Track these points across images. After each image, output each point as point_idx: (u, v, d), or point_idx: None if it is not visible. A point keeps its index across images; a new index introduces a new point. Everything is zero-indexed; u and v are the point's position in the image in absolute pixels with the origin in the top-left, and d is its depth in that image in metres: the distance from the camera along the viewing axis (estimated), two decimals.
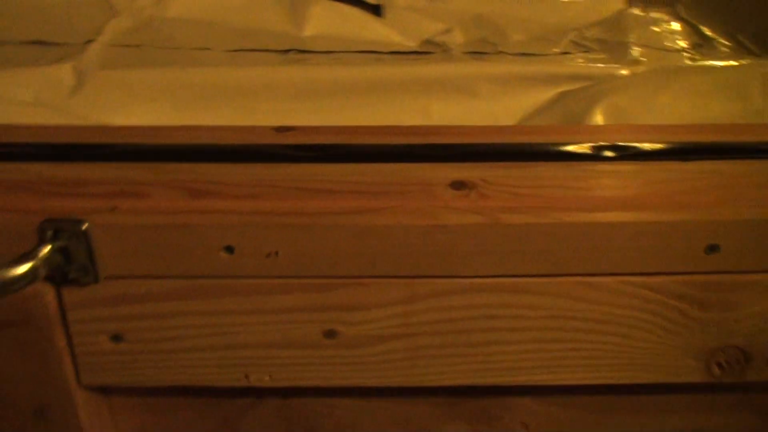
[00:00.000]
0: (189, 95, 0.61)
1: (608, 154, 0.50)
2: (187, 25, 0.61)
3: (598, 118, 0.58)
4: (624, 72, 0.61)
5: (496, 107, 0.60)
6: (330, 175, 0.49)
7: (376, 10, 0.63)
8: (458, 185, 0.48)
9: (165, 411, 0.61)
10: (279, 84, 0.61)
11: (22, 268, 0.45)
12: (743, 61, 0.62)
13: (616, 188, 0.49)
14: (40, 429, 0.56)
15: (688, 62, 0.61)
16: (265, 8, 0.65)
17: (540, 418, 0.62)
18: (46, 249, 0.45)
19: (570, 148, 0.50)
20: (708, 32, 0.64)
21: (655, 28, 0.63)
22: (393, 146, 0.50)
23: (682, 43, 0.63)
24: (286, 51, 0.64)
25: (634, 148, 0.50)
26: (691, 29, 0.65)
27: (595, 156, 0.50)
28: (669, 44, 0.64)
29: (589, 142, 0.51)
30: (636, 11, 0.65)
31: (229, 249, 0.47)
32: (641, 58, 0.63)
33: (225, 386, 0.54)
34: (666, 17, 0.63)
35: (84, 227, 0.45)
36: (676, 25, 0.64)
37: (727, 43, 0.65)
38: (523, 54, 0.65)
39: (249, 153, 0.50)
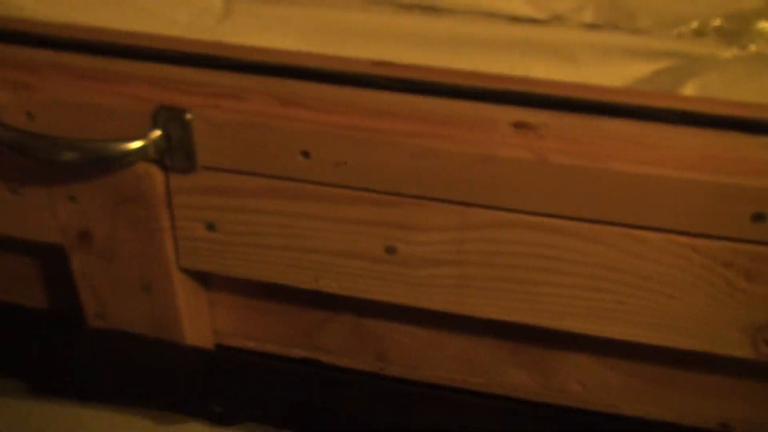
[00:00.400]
0: (319, 35, 0.68)
1: (673, 116, 0.52)
2: None
3: (687, 93, 0.59)
4: (727, 55, 0.62)
5: (593, 75, 0.63)
6: (404, 103, 0.54)
7: None
8: (519, 125, 0.52)
9: (254, 309, 0.69)
10: (401, 32, 0.67)
11: (135, 144, 0.53)
12: None
13: (674, 148, 0.51)
14: (146, 303, 0.65)
15: None
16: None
17: (596, 379, 0.64)
18: (157, 133, 0.54)
19: (634, 104, 0.52)
20: None
21: None
22: (468, 86, 0.55)
23: None
24: (411, 6, 0.70)
25: (701, 114, 0.52)
26: None
27: (660, 117, 0.52)
28: None
29: (659, 104, 0.53)
30: None
31: (306, 154, 0.53)
32: (751, 45, 0.63)
33: (300, 287, 0.61)
34: None
35: (188, 117, 0.53)
36: None
37: None
38: (636, 31, 0.67)
39: (338, 76, 0.56)
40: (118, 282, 0.64)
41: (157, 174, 0.57)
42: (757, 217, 0.49)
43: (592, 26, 0.68)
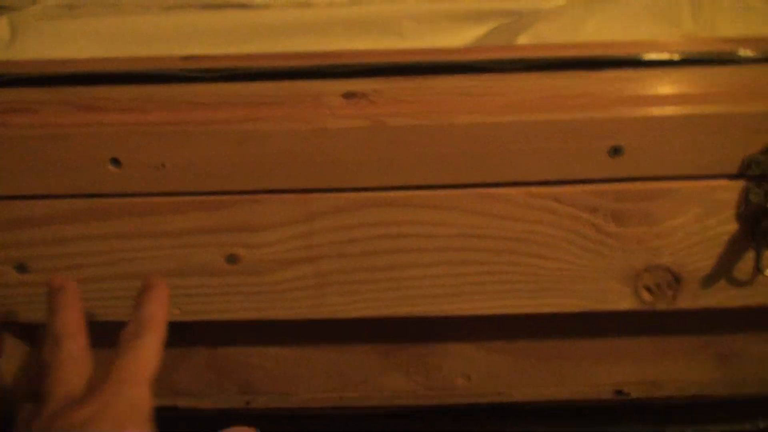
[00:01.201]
0: (122, 43, 0.61)
1: (509, 65, 0.48)
2: None
3: None
4: (550, 4, 0.59)
5: (424, 45, 0.59)
6: (221, 92, 0.48)
7: None
8: (349, 95, 0.47)
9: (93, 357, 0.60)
10: (212, 29, 0.61)
11: None
12: None
13: (516, 94, 0.47)
14: None
15: None
16: None
17: (481, 368, 0.60)
18: None
19: (467, 59, 0.48)
20: None
21: None
22: (287, 66, 0.50)
23: None
24: (221, 6, 0.64)
25: (538, 59, 0.48)
26: None
27: (496, 68, 0.48)
28: None
29: (492, 56, 0.49)
30: None
31: (116, 162, 0.46)
32: None
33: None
34: None
35: None
36: None
37: None
38: None
39: (144, 75, 0.49)
40: None
41: None
42: (615, 151, 0.46)
43: None
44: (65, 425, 0.37)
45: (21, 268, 0.51)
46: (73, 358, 0.42)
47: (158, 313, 0.43)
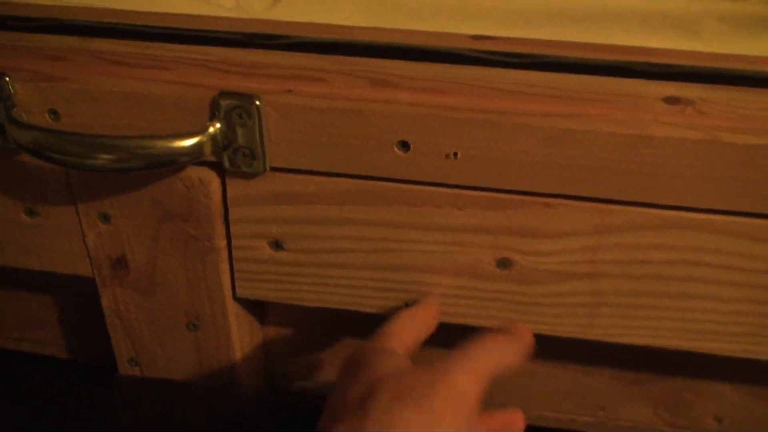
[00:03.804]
0: (385, 11, 0.57)
1: None
2: None
3: None
4: None
5: (721, 50, 0.53)
6: (525, 81, 0.44)
7: None
8: (672, 100, 0.42)
9: (318, 346, 0.57)
10: (480, 6, 0.57)
11: (189, 141, 0.43)
12: None
13: None
14: (192, 343, 0.54)
15: None
16: None
17: (737, 412, 0.53)
18: (216, 125, 0.43)
19: None
20: None
21: None
22: (599, 60, 0.45)
23: None
24: None
25: None
26: None
27: None
28: None
29: None
30: None
31: (405, 145, 0.42)
32: None
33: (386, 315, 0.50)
34: None
35: (257, 104, 0.42)
36: None
37: None
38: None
39: (438, 53, 0.45)
40: (159, 319, 0.53)
41: (212, 180, 0.46)
42: None
43: None
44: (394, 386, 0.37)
45: (276, 244, 0.48)
46: (413, 318, 0.43)
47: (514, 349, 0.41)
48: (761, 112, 0.41)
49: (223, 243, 0.49)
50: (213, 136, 0.43)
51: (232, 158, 0.44)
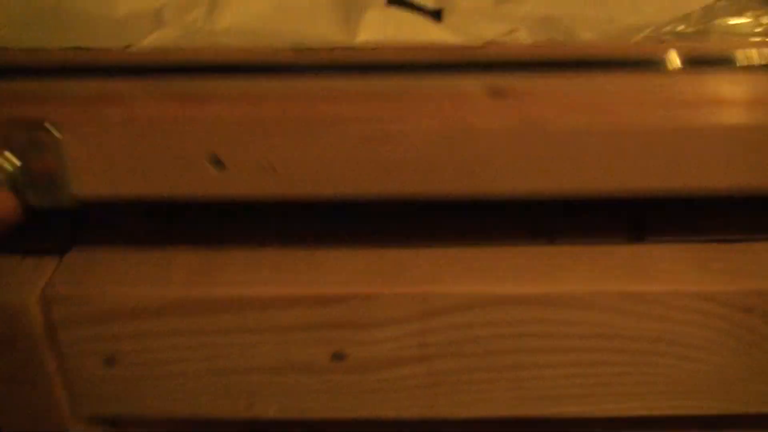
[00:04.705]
0: None
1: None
2: (237, 35, 0.56)
3: None
4: None
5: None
6: (343, 86, 0.43)
7: (437, 15, 0.56)
8: (494, 92, 0.41)
9: None
10: None
11: None
12: None
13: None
14: None
15: None
16: (317, 16, 0.59)
17: None
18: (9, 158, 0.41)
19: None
20: None
21: (743, 19, 0.54)
22: (418, 59, 0.44)
23: None
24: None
25: None
26: None
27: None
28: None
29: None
30: (723, 2, 0.57)
31: (217, 161, 0.40)
32: None
33: (231, 419, 0.49)
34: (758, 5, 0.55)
35: (54, 132, 0.40)
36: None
37: None
38: None
39: (255, 67, 0.44)
40: None
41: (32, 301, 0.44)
42: None
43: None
44: None
45: (109, 362, 0.47)
46: None
47: None
48: (583, 97, 0.41)
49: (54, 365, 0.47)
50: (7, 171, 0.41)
51: (34, 191, 0.42)
